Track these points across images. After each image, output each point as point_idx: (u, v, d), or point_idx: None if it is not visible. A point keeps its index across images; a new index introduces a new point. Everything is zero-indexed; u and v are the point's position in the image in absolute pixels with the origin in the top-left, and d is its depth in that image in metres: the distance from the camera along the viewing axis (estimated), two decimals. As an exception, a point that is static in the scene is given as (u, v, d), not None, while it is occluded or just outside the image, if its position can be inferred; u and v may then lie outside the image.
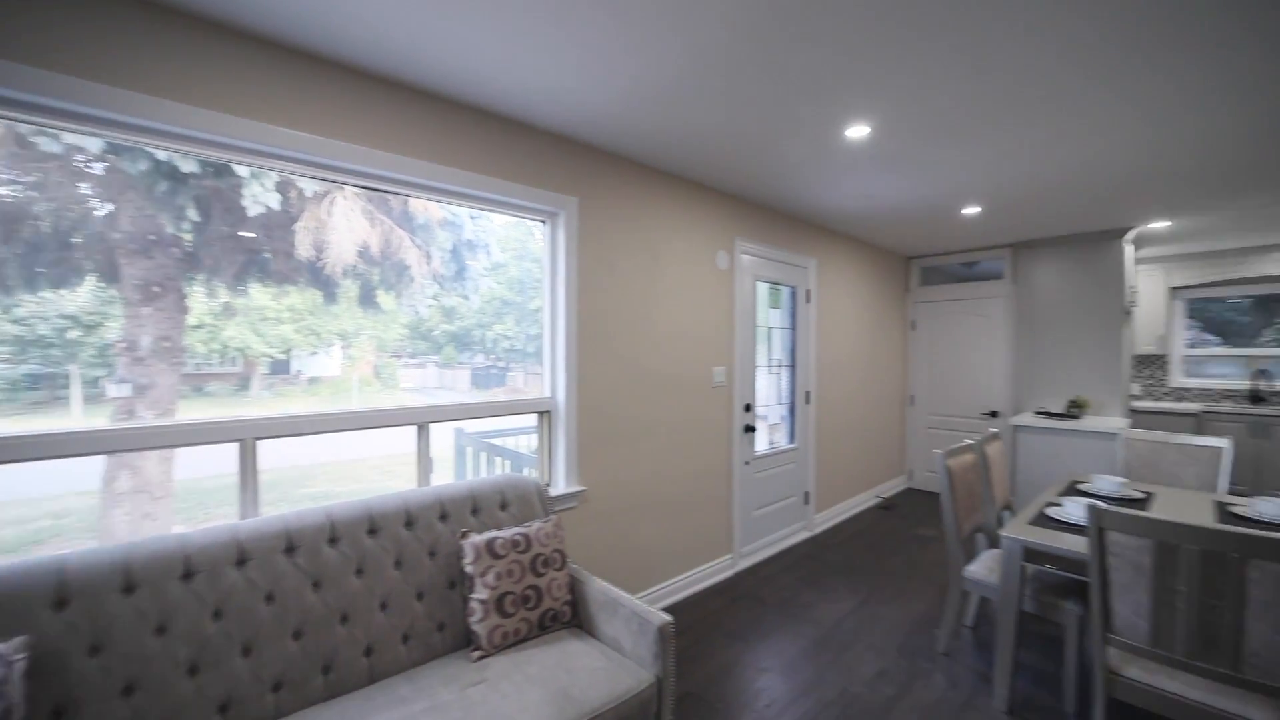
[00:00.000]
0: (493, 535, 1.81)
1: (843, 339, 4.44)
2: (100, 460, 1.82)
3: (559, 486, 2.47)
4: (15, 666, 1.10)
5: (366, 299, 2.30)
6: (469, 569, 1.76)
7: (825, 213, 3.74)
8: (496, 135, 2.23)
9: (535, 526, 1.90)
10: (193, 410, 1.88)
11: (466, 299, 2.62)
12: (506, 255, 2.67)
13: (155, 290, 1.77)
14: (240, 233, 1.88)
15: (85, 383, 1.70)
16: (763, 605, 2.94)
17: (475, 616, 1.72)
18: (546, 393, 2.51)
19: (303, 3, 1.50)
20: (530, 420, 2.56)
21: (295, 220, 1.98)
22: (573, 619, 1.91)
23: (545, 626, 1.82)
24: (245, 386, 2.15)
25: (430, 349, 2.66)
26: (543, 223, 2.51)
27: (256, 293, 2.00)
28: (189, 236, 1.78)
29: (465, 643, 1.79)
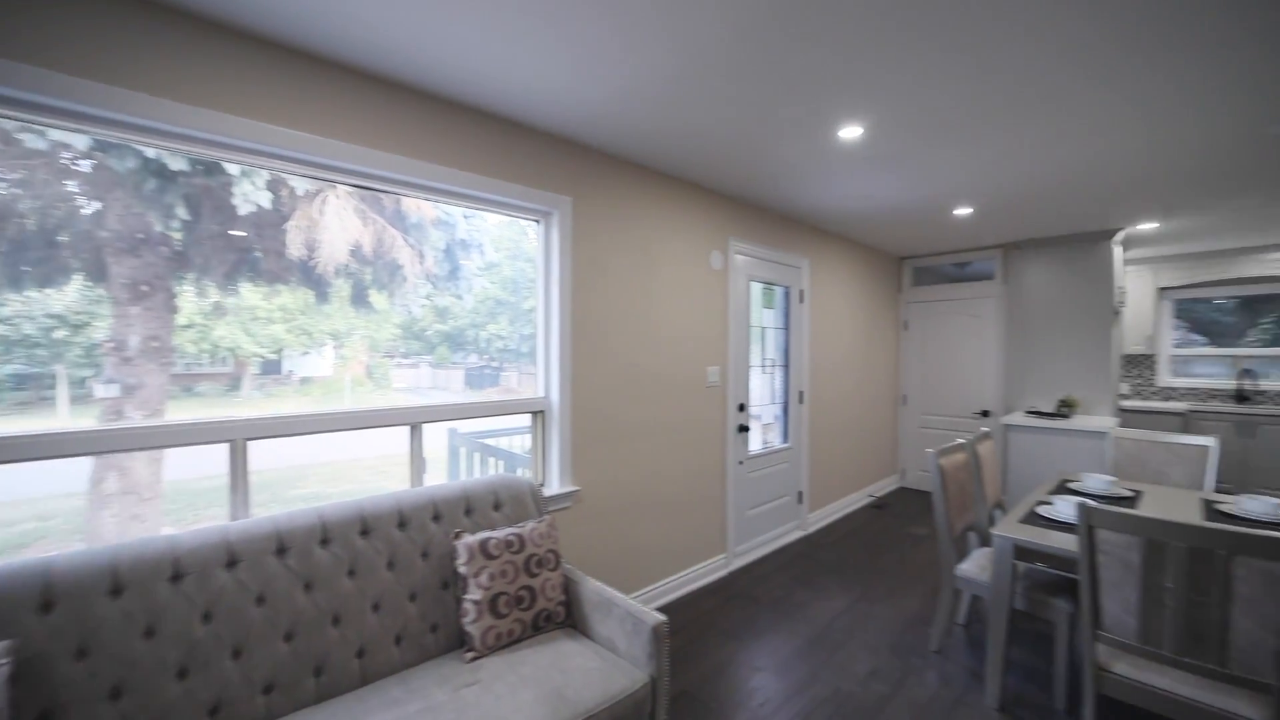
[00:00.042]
0: (486, 536, 1.80)
1: (836, 339, 4.46)
2: (88, 461, 1.79)
3: (553, 486, 2.46)
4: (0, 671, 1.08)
5: (359, 298, 2.29)
6: (462, 570, 1.75)
7: (819, 213, 3.76)
8: (490, 134, 2.22)
9: (529, 527, 1.89)
10: (182, 411, 1.85)
11: (460, 299, 2.60)
12: (500, 255, 2.66)
13: (144, 289, 1.75)
14: (231, 231, 1.86)
15: (72, 383, 1.67)
16: (757, 604, 2.94)
17: (469, 617, 1.71)
18: (540, 393, 2.51)
19: (300, 3, 1.49)
20: (524, 420, 2.56)
21: (287, 219, 1.96)
22: (567, 619, 1.90)
23: (539, 627, 1.82)
24: (236, 387, 2.13)
25: (423, 349, 2.65)
26: (536, 222, 2.50)
27: (247, 292, 1.98)
28: (178, 235, 1.76)
29: (459, 644, 1.79)
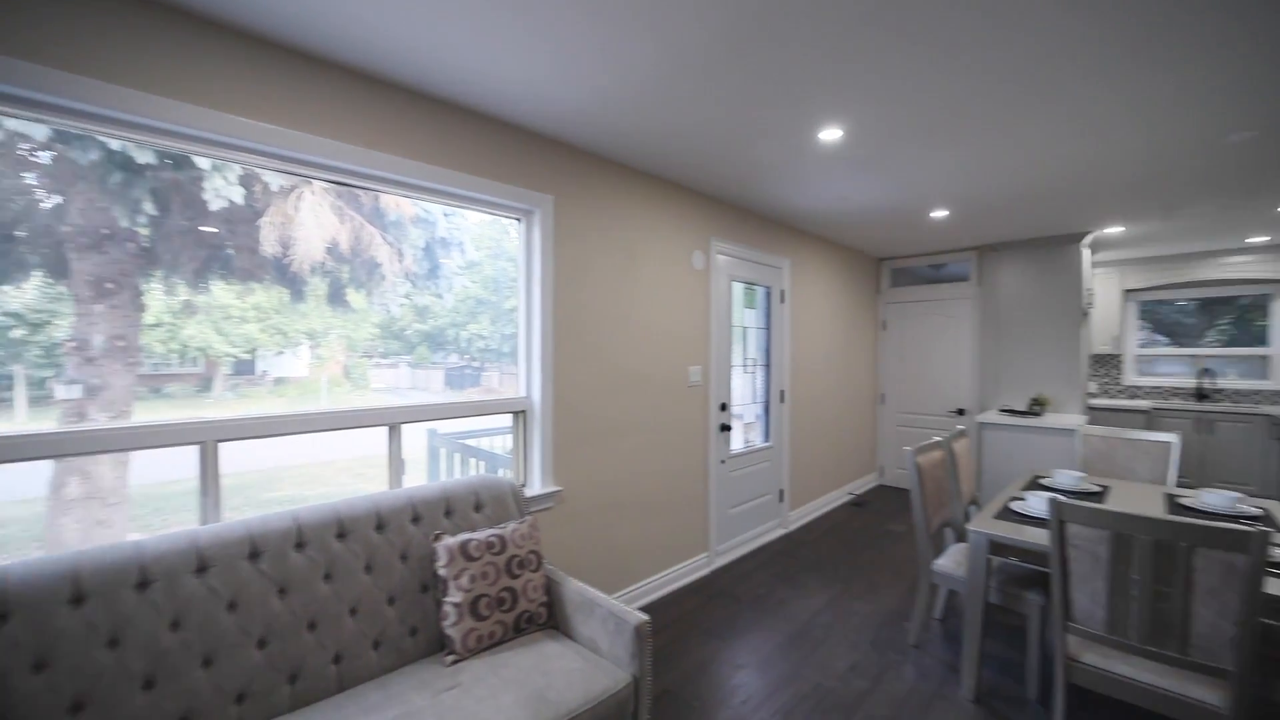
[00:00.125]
0: (467, 537, 1.78)
1: (816, 339, 4.51)
2: (48, 465, 1.72)
3: (534, 487, 2.44)
4: (-48, 685, 1.04)
5: (336, 297, 2.24)
6: (442, 572, 1.73)
7: (800, 214, 3.80)
8: (470, 130, 2.20)
9: (510, 528, 1.88)
10: (150, 412, 1.79)
11: (440, 298, 2.57)
12: (481, 253, 2.63)
13: (109, 287, 1.69)
14: (201, 227, 1.81)
15: (31, 384, 1.61)
16: (738, 602, 2.96)
17: (449, 620, 1.69)
18: (522, 392, 2.49)
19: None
20: (505, 420, 2.53)
21: (260, 215, 1.91)
22: (549, 620, 1.89)
23: (521, 629, 1.80)
24: (207, 388, 2.07)
25: (402, 349, 2.60)
26: (518, 220, 2.48)
27: (219, 290, 1.92)
28: (145, 231, 1.70)
29: (439, 647, 1.76)
